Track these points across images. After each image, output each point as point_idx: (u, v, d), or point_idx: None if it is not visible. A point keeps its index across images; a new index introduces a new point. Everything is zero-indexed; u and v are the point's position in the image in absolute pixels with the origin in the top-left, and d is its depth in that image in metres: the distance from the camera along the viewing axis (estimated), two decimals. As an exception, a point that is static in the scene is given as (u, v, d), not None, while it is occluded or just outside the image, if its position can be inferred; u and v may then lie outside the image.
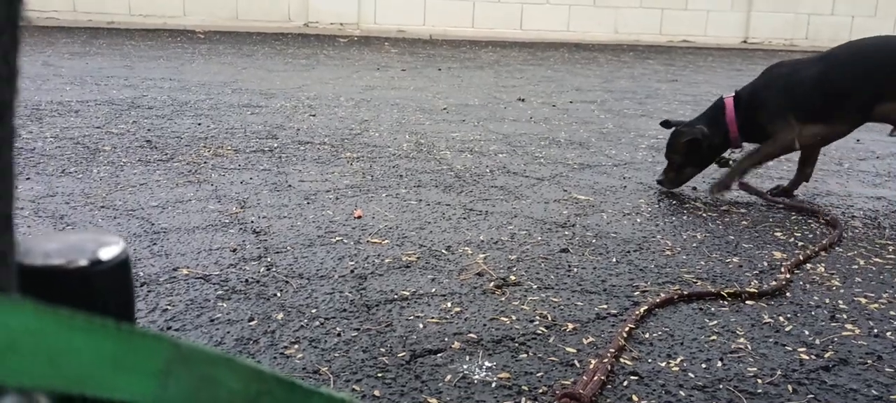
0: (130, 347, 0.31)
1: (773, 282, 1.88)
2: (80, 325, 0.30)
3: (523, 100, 4.90)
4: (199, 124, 3.65)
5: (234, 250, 1.99)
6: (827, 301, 1.81)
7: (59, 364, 0.30)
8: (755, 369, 1.46)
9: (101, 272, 0.43)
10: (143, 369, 0.31)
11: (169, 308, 1.63)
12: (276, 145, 3.27)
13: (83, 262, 0.42)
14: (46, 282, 0.42)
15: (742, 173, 2.68)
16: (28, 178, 2.59)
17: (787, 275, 1.91)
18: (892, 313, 1.74)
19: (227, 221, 2.23)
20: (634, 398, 1.34)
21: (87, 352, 0.30)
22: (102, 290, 0.43)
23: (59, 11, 8.73)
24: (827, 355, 1.53)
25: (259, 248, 2.01)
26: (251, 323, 1.57)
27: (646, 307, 1.68)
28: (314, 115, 4.03)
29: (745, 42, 10.17)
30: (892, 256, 2.14)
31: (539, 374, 1.41)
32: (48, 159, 2.86)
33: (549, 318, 1.65)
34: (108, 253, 0.43)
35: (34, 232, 2.07)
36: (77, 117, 3.68)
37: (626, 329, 1.57)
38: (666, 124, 2.91)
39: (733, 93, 2.69)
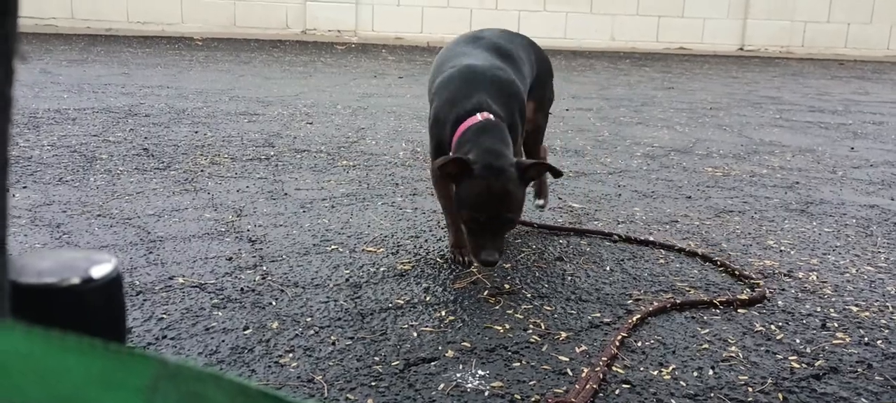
0: (118, 365, 0.33)
1: (757, 291, 1.89)
2: (71, 346, 0.32)
3: (520, 107, 4.92)
4: (196, 132, 3.66)
5: (230, 259, 2.00)
6: (818, 309, 1.82)
7: (51, 383, 0.31)
8: (746, 377, 1.47)
9: (93, 289, 0.44)
10: (131, 385, 0.32)
11: (164, 317, 1.64)
12: (272, 153, 3.29)
13: (76, 280, 0.44)
14: (40, 300, 0.43)
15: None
16: (25, 187, 2.60)
17: (765, 285, 1.93)
18: (882, 321, 1.75)
19: (223, 230, 2.24)
20: (626, 406, 1.35)
21: (77, 371, 0.32)
22: (94, 307, 0.45)
23: (58, 19, 8.75)
24: (817, 363, 1.54)
25: (255, 257, 2.02)
26: (246, 332, 1.58)
27: (639, 315, 1.70)
28: (311, 123, 4.05)
29: (741, 49, 10.21)
30: (884, 264, 2.15)
31: (532, 383, 1.42)
32: (45, 167, 2.87)
33: (543, 327, 1.66)
34: (99, 271, 0.45)
35: (31, 241, 2.08)
36: (74, 125, 3.69)
37: (619, 337, 1.58)
38: None
39: None
